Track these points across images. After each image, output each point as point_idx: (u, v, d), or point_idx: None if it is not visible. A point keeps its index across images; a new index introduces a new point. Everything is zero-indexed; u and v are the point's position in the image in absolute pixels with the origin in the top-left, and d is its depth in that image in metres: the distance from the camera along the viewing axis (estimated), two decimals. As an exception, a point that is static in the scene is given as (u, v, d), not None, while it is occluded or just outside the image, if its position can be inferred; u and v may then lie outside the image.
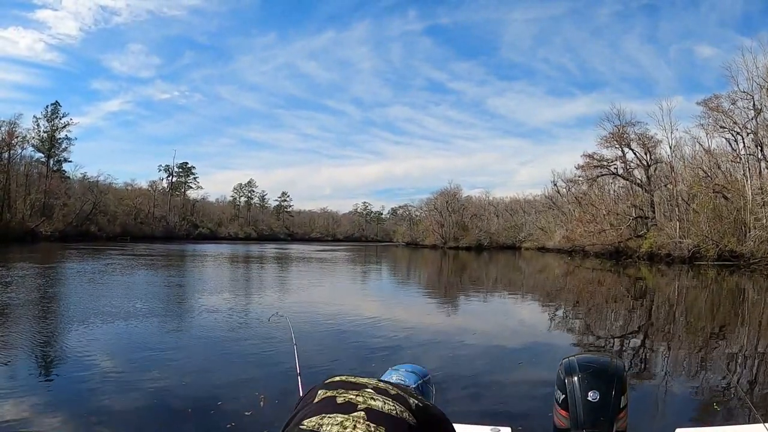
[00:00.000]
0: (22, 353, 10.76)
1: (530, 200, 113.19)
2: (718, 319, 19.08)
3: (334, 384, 1.65)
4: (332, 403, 1.55)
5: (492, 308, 21.60)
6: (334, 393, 1.60)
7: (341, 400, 1.56)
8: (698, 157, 59.85)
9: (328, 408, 1.53)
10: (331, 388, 1.62)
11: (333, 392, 1.60)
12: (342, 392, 1.59)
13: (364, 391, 1.60)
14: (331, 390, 1.61)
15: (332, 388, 1.63)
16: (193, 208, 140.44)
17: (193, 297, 21.07)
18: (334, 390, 1.61)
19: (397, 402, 1.57)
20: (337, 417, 1.49)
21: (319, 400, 1.58)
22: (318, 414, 1.51)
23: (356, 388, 1.61)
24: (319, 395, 1.60)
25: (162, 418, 7.18)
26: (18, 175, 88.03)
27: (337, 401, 1.55)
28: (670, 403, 8.47)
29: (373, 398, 1.57)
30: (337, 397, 1.57)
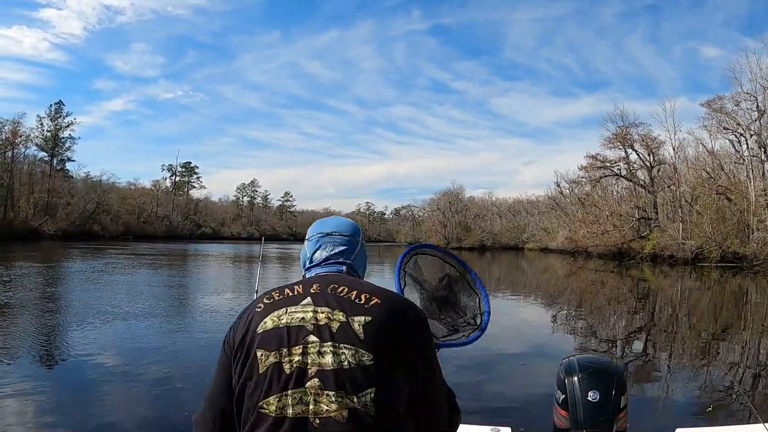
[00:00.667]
0: (22, 352, 10.77)
1: (533, 201, 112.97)
2: (720, 320, 19.06)
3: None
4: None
5: (494, 309, 21.57)
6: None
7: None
8: (701, 158, 59.75)
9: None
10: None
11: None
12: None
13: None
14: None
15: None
16: (196, 208, 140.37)
17: (194, 297, 21.11)
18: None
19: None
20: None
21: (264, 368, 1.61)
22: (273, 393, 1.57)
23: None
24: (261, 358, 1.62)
25: (159, 419, 7.19)
26: (21, 174, 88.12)
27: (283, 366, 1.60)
28: (670, 403, 8.46)
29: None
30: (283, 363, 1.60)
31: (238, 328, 1.71)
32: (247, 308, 1.76)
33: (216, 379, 1.72)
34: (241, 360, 1.64)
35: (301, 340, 1.59)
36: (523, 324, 17.61)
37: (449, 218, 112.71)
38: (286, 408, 1.53)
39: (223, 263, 44.83)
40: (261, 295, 1.78)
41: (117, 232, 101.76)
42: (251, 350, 1.62)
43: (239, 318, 1.75)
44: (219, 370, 1.72)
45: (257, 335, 1.63)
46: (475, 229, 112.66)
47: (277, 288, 1.78)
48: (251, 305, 1.76)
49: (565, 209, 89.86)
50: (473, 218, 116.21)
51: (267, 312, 1.67)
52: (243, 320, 1.72)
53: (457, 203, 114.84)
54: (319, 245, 1.96)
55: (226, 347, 1.72)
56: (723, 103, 56.02)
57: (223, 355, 1.72)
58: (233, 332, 1.72)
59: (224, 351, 1.72)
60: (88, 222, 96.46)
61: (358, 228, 2.08)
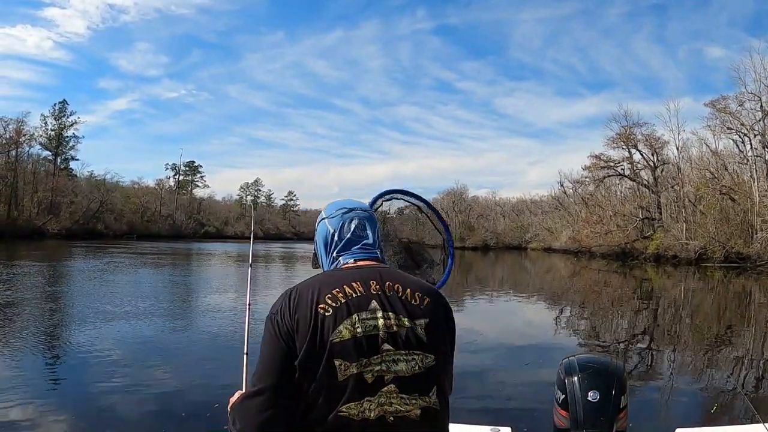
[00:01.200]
0: (26, 351, 10.81)
1: (536, 201, 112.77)
2: (722, 320, 19.04)
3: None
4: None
5: (498, 309, 21.61)
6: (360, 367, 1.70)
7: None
8: (705, 158, 59.66)
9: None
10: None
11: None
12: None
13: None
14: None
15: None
16: (199, 207, 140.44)
17: (197, 296, 21.14)
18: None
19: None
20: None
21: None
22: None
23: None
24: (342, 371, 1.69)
25: (157, 421, 7.21)
26: (25, 173, 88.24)
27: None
28: (670, 403, 8.46)
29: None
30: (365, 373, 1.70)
31: (298, 327, 1.72)
32: (297, 298, 1.77)
33: (270, 365, 1.73)
34: (313, 365, 1.68)
35: (378, 349, 1.70)
36: (525, 324, 17.63)
37: (453, 218, 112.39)
38: (367, 412, 1.66)
39: (226, 262, 44.85)
40: (315, 286, 1.79)
41: (121, 231, 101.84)
42: (328, 359, 1.68)
43: (292, 310, 1.74)
44: (278, 360, 1.72)
45: (334, 345, 1.68)
46: (478, 228, 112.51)
47: (333, 282, 1.81)
48: (305, 297, 1.76)
49: (569, 209, 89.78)
50: (477, 218, 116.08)
51: (338, 319, 1.71)
52: (303, 317, 1.73)
53: (461, 203, 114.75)
54: (343, 221, 2.02)
55: (283, 339, 1.72)
56: (727, 103, 56.00)
57: (281, 346, 1.72)
58: (289, 326, 1.73)
59: (282, 343, 1.72)
60: (92, 221, 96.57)
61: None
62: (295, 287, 1.81)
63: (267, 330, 1.75)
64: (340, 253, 1.98)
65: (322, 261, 2.05)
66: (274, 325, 1.74)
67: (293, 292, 1.78)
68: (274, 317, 1.75)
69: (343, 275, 1.84)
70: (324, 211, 2.10)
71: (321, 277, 1.85)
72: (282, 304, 1.76)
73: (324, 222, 2.06)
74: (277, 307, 1.76)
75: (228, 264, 43.48)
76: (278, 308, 1.76)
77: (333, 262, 1.98)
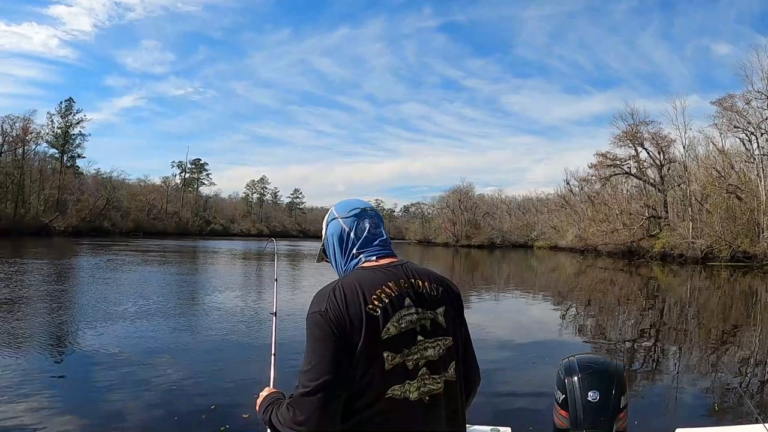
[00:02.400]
0: (31, 348, 10.84)
1: (543, 199, 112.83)
2: (726, 320, 18.98)
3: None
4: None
5: (503, 307, 21.55)
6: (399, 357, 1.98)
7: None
8: (712, 156, 59.44)
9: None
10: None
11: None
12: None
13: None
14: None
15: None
16: (205, 204, 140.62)
17: (201, 295, 21.13)
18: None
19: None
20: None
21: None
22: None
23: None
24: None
25: (168, 416, 7.22)
26: (32, 171, 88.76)
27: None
28: (670, 403, 8.43)
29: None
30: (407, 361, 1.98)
31: (351, 325, 1.93)
32: (344, 298, 1.96)
33: (328, 359, 1.91)
34: (366, 358, 1.92)
35: (414, 341, 2.00)
36: (530, 322, 17.59)
37: (458, 216, 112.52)
38: (408, 393, 1.95)
39: (233, 260, 44.88)
40: (357, 286, 2.00)
41: (127, 228, 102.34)
42: (379, 352, 1.93)
43: (342, 309, 1.94)
44: (332, 355, 1.92)
45: (384, 341, 1.94)
46: (484, 226, 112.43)
47: (372, 283, 2.02)
48: (352, 298, 1.96)
49: (575, 207, 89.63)
50: (483, 216, 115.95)
51: (385, 318, 1.96)
52: (355, 316, 1.94)
53: (467, 201, 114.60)
54: (357, 221, 2.22)
55: (336, 336, 1.92)
56: (734, 102, 55.85)
57: (335, 342, 1.92)
58: (342, 324, 1.93)
59: (336, 338, 1.92)
60: (99, 218, 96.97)
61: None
62: (335, 286, 2.00)
63: (318, 327, 1.94)
64: (360, 250, 2.18)
65: (337, 257, 2.24)
66: (327, 322, 1.92)
67: (336, 291, 1.98)
68: (324, 315, 1.93)
69: (378, 276, 2.06)
70: (335, 211, 2.27)
71: (358, 277, 2.05)
72: (329, 303, 1.95)
73: (337, 221, 2.24)
74: (324, 306, 1.95)
75: (235, 262, 43.50)
76: (326, 307, 1.94)
77: (353, 258, 2.19)
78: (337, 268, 2.26)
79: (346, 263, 2.20)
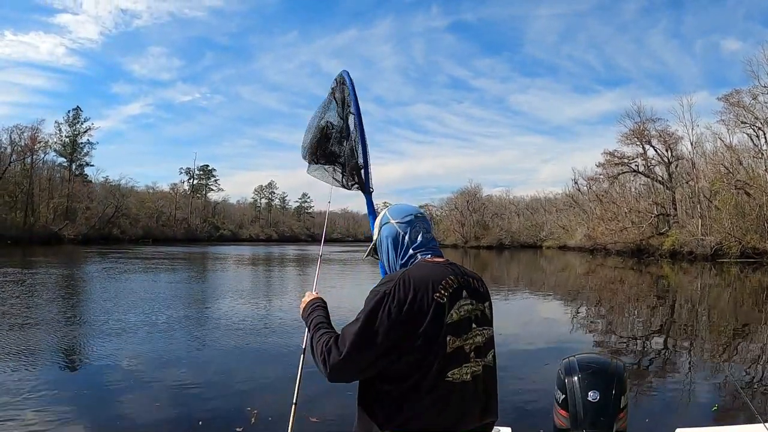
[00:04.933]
0: (42, 357, 10.89)
1: (551, 199, 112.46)
2: (734, 317, 18.83)
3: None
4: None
5: (511, 307, 21.50)
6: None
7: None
8: (720, 153, 59.14)
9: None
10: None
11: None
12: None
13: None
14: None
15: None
16: (214, 210, 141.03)
17: (215, 302, 21.13)
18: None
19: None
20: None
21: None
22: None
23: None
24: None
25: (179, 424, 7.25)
26: (41, 180, 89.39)
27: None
28: (670, 403, 8.39)
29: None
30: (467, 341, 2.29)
31: (414, 307, 2.17)
32: (412, 286, 2.20)
33: (376, 335, 2.15)
34: (425, 340, 2.17)
35: (470, 328, 2.29)
36: (538, 323, 17.58)
37: (467, 217, 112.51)
38: (464, 375, 2.24)
39: (243, 266, 44.92)
40: (426, 277, 2.26)
41: (136, 235, 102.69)
42: (444, 336, 2.20)
43: (410, 295, 2.18)
44: (383, 329, 2.15)
45: (446, 325, 2.21)
46: (493, 227, 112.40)
47: (437, 275, 2.29)
48: (422, 286, 2.21)
49: (583, 206, 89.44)
50: (491, 217, 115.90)
51: (450, 305, 2.24)
52: (424, 302, 2.19)
53: (475, 202, 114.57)
54: (412, 225, 2.53)
55: (397, 316, 2.16)
56: (740, 97, 55.65)
57: (396, 320, 2.16)
58: (409, 308, 2.17)
59: (396, 318, 2.16)
60: (108, 226, 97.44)
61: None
62: (403, 273, 2.26)
63: (377, 303, 2.18)
64: (417, 250, 2.46)
65: (390, 256, 2.52)
66: (388, 301, 2.17)
67: (405, 277, 2.23)
68: (388, 295, 2.18)
69: (441, 270, 2.34)
70: (389, 215, 2.58)
71: (425, 269, 2.32)
72: (396, 286, 2.20)
73: (392, 225, 2.54)
74: (391, 287, 2.20)
75: (245, 268, 43.55)
76: (393, 289, 2.19)
77: (410, 258, 2.45)
78: (390, 265, 2.52)
79: (401, 261, 2.48)
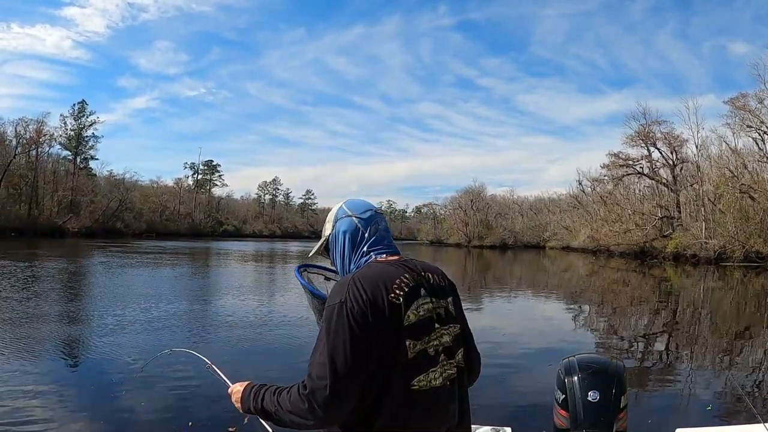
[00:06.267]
0: (44, 352, 10.93)
1: (555, 199, 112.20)
2: (735, 320, 18.90)
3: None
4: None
5: (513, 308, 21.51)
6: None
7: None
8: (725, 156, 58.99)
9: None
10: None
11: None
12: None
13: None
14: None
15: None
16: (218, 206, 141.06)
17: (218, 297, 21.16)
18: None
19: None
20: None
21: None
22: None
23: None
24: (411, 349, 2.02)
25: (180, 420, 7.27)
26: (46, 173, 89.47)
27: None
28: (670, 403, 8.42)
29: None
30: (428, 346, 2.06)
31: (374, 313, 1.96)
32: (364, 288, 1.98)
33: (346, 351, 1.92)
34: (383, 345, 1.96)
35: (432, 328, 2.07)
36: (540, 323, 17.57)
37: (471, 216, 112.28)
38: (433, 381, 2.03)
39: (247, 262, 44.93)
40: (377, 277, 2.05)
41: (140, 229, 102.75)
42: (401, 339, 1.98)
43: (364, 298, 1.96)
44: (350, 343, 1.93)
45: (404, 327, 1.99)
46: (496, 227, 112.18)
47: (391, 274, 2.08)
48: (374, 288, 2.00)
49: (587, 208, 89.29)
50: (495, 216, 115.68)
51: (407, 306, 2.02)
52: (377, 304, 1.97)
53: (479, 201, 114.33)
54: (372, 221, 2.29)
55: (360, 323, 1.94)
56: (746, 101, 55.35)
57: (360, 328, 1.94)
58: (364, 313, 1.95)
59: (360, 326, 1.94)
60: (112, 219, 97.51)
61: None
62: (353, 278, 2.03)
63: (337, 318, 1.95)
64: (371, 248, 2.25)
65: (345, 254, 2.28)
66: (346, 312, 1.94)
67: (356, 282, 2.01)
68: (343, 306, 1.95)
69: (394, 269, 2.12)
70: (347, 208, 2.33)
71: (376, 270, 2.10)
72: (348, 293, 1.97)
73: (351, 219, 2.29)
74: (344, 296, 1.97)
75: (248, 264, 43.57)
76: (345, 297, 1.96)
77: (363, 256, 2.24)
78: (342, 265, 2.30)
79: (355, 260, 2.25)
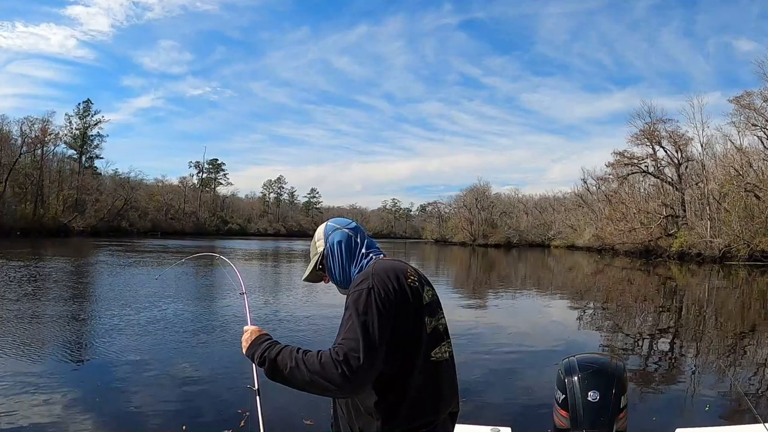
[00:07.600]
0: (49, 350, 10.95)
1: (560, 198, 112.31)
2: (740, 320, 18.80)
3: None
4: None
5: (518, 306, 21.49)
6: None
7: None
8: (730, 155, 58.75)
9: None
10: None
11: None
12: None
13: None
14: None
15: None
16: (222, 204, 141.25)
17: (223, 296, 21.16)
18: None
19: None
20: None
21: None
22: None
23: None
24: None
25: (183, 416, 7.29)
26: (51, 172, 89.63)
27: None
28: (670, 403, 8.41)
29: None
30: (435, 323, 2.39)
31: (402, 297, 2.25)
32: (389, 276, 2.27)
33: (382, 327, 2.16)
34: (409, 321, 2.26)
35: (438, 309, 2.42)
36: (544, 323, 17.51)
37: (475, 215, 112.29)
38: (444, 353, 2.37)
39: (251, 260, 44.95)
40: (394, 268, 2.34)
41: (145, 228, 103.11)
42: (422, 317, 2.30)
43: (393, 284, 2.25)
44: (378, 324, 2.16)
45: (424, 306, 2.32)
46: (501, 226, 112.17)
47: (402, 266, 2.39)
48: (395, 276, 2.29)
49: (592, 206, 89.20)
50: (500, 215, 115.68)
51: (421, 289, 2.35)
52: (403, 290, 2.27)
53: (484, 200, 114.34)
54: (356, 231, 2.55)
55: (386, 304, 2.20)
56: (751, 99, 55.12)
57: (385, 308, 2.19)
58: (394, 298, 2.22)
59: (385, 306, 2.19)
60: (117, 218, 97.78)
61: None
62: (373, 268, 2.31)
63: (365, 301, 2.18)
64: (369, 250, 2.51)
65: (344, 263, 2.49)
66: (373, 296, 2.19)
67: (378, 270, 2.29)
68: (371, 290, 2.20)
69: (399, 262, 2.42)
70: (334, 224, 2.61)
71: (387, 263, 2.37)
72: (374, 279, 2.24)
73: (342, 231, 2.55)
74: (370, 282, 2.23)
75: (252, 262, 43.59)
76: (372, 283, 2.22)
77: (364, 257, 2.48)
78: (343, 272, 2.50)
79: (356, 263, 2.48)
